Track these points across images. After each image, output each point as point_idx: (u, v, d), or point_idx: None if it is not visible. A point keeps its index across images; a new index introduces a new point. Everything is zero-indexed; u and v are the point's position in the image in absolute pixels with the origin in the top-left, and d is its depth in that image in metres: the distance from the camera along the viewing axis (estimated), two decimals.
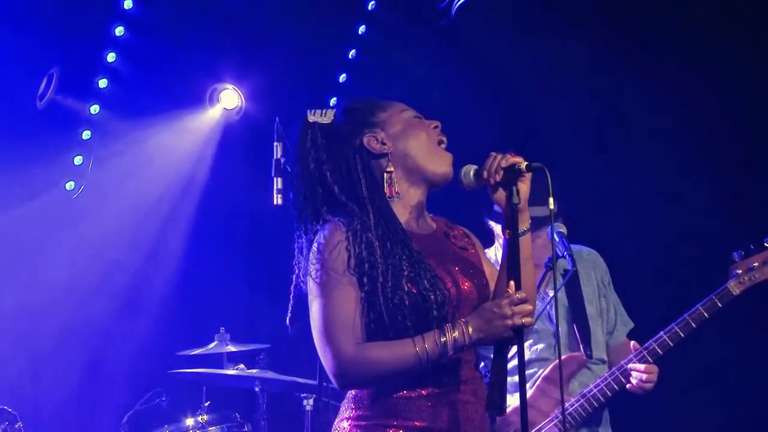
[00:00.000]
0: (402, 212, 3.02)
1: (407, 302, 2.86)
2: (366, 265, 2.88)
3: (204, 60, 6.32)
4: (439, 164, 3.05)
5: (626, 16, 5.94)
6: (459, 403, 2.91)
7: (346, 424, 2.94)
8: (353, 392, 2.96)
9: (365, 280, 2.87)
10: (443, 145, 3.06)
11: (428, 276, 2.89)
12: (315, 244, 2.95)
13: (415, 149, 3.04)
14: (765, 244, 4.38)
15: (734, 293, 4.34)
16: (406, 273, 2.88)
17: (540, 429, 4.31)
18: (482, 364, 3.54)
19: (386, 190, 3.01)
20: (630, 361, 4.39)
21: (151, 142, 6.27)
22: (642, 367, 4.36)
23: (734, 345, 5.66)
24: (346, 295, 2.87)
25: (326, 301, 2.88)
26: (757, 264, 4.35)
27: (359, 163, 3.02)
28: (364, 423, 2.91)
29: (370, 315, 2.88)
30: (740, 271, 4.35)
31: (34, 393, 5.93)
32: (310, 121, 3.09)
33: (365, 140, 3.04)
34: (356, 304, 2.87)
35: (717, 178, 5.87)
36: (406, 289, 2.86)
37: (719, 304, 4.33)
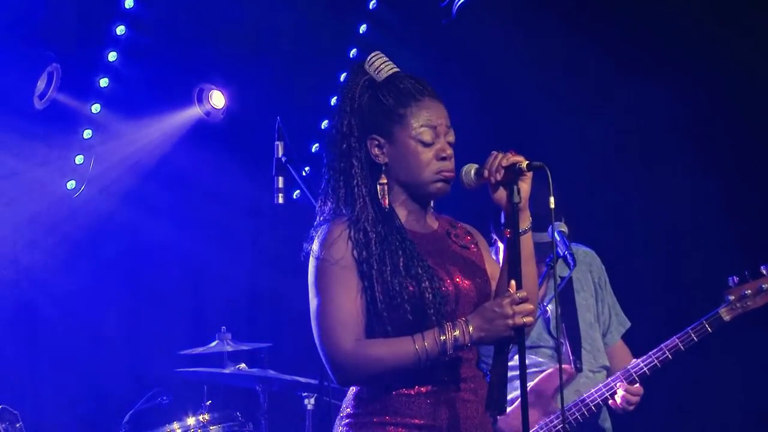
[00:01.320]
0: (402, 212, 3.03)
1: (406, 296, 2.87)
2: (365, 253, 2.89)
3: (207, 59, 6.32)
4: (429, 191, 3.01)
5: (626, 16, 5.94)
6: (459, 402, 2.92)
7: (346, 421, 2.96)
8: (353, 390, 2.97)
9: (364, 267, 2.88)
10: (442, 174, 2.98)
11: (424, 269, 2.89)
12: (316, 240, 2.97)
13: (406, 175, 3.00)
14: (762, 271, 4.37)
15: (725, 319, 4.34)
16: (402, 267, 2.88)
17: None
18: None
19: (381, 200, 2.99)
20: (617, 379, 4.38)
21: (150, 141, 6.27)
22: (628, 388, 4.36)
23: (735, 345, 5.66)
24: (346, 291, 2.88)
25: (326, 297, 2.89)
26: (749, 292, 4.34)
27: (364, 155, 3.00)
28: (363, 421, 2.93)
29: (370, 310, 2.89)
30: (732, 298, 4.34)
31: (35, 393, 5.92)
32: (366, 69, 3.06)
33: (370, 142, 3.02)
34: (356, 300, 2.88)
35: (717, 177, 5.87)
36: (404, 283, 2.87)
37: (709, 329, 4.34)
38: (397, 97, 3.01)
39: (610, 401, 4.39)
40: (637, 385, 4.38)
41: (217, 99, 6.41)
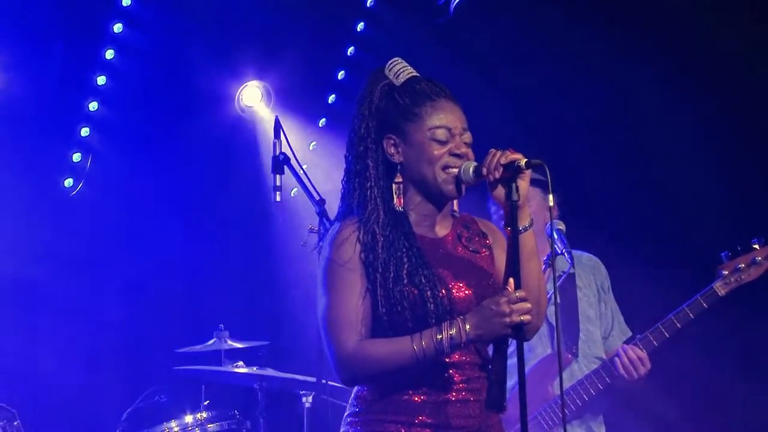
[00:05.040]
0: (415, 216, 3.03)
1: (406, 304, 2.88)
2: (371, 256, 2.91)
3: (203, 59, 6.31)
4: (440, 189, 3.00)
5: (626, 9, 5.94)
6: (460, 402, 2.92)
7: (349, 420, 2.99)
8: (356, 389, 3.00)
9: (370, 270, 2.91)
10: (449, 170, 2.98)
11: (428, 277, 2.90)
12: (326, 240, 3.00)
13: (418, 172, 3.00)
14: (753, 245, 4.40)
15: (720, 294, 4.36)
16: (405, 274, 2.90)
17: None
18: None
19: (395, 200, 3.00)
20: (613, 362, 4.40)
21: (150, 140, 6.26)
22: (631, 351, 4.37)
23: (730, 343, 5.67)
24: (352, 291, 2.91)
25: (332, 296, 2.92)
26: (743, 265, 4.36)
27: (381, 156, 3.02)
28: (366, 419, 2.95)
29: (375, 311, 2.91)
30: (726, 272, 4.37)
31: (33, 391, 5.92)
32: (385, 74, 3.08)
33: (386, 141, 3.03)
34: (361, 301, 2.90)
35: (715, 178, 5.89)
36: (405, 291, 2.89)
37: (704, 305, 4.35)
38: (412, 97, 3.03)
39: (616, 372, 4.39)
40: (644, 353, 4.39)
41: (252, 97, 6.40)
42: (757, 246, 4.40)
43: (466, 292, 2.95)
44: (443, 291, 2.90)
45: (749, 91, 5.71)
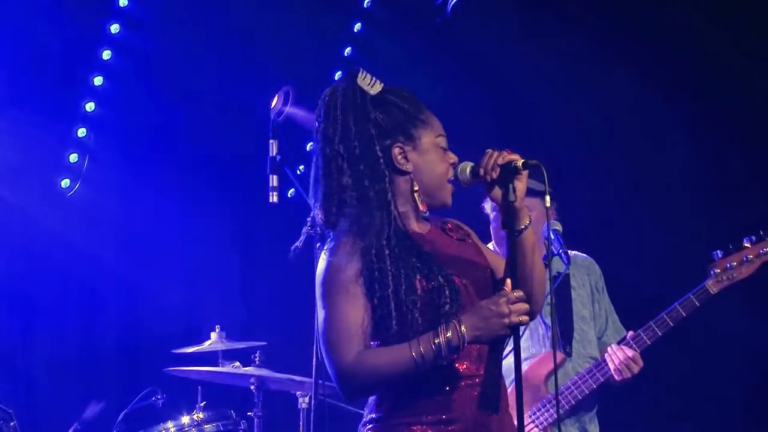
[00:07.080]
0: (404, 216, 3.01)
1: (418, 305, 2.85)
2: (376, 273, 2.86)
3: (199, 59, 6.31)
4: (443, 199, 3.02)
5: (623, 13, 5.96)
6: (457, 401, 2.89)
7: (369, 427, 2.95)
8: (373, 396, 2.96)
9: (376, 287, 2.86)
10: (450, 180, 3.00)
11: (442, 273, 2.88)
12: (326, 251, 2.94)
13: (429, 181, 3.00)
14: (744, 243, 4.43)
15: (712, 292, 4.41)
16: (419, 276, 2.87)
17: None
18: None
19: (420, 206, 2.98)
20: (604, 361, 4.43)
21: (147, 141, 6.26)
22: (621, 350, 4.39)
23: (723, 343, 5.68)
24: (352, 303, 2.86)
25: (332, 310, 2.87)
26: (735, 263, 4.41)
27: (384, 167, 2.97)
28: (386, 424, 2.91)
29: (382, 321, 2.86)
30: (718, 270, 4.41)
31: (29, 391, 5.92)
32: (359, 83, 3.03)
33: (395, 148, 2.99)
34: (361, 312, 2.85)
35: (707, 176, 5.90)
36: (419, 291, 2.85)
37: (696, 303, 4.40)
38: (412, 104, 3.02)
39: (609, 369, 4.41)
40: (635, 352, 4.42)
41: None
42: (748, 244, 4.45)
43: (464, 280, 2.93)
44: (455, 284, 2.87)
45: (740, 92, 5.74)
